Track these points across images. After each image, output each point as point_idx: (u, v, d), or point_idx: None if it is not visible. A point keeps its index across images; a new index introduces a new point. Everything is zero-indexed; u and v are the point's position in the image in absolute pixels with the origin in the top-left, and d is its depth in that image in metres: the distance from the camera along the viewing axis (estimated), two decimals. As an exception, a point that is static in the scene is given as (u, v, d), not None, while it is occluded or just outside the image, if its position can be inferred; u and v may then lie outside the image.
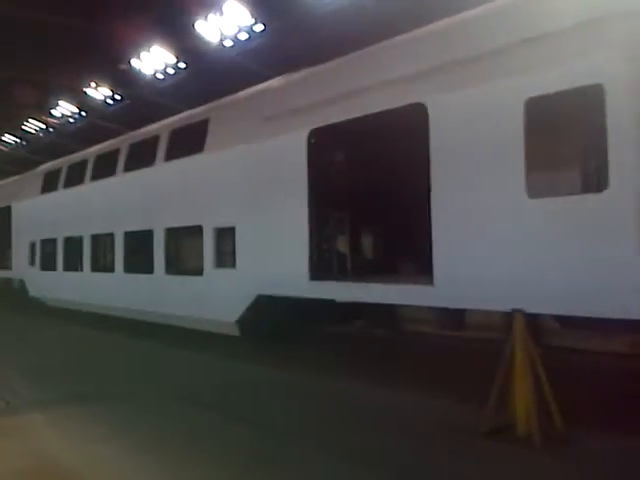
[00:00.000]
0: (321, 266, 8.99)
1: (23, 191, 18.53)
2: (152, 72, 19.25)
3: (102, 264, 14.25)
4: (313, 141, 8.83)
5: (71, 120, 25.73)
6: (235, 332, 10.27)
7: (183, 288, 11.38)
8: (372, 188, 9.66)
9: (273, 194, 9.47)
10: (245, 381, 8.76)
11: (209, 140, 11.00)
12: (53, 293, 16.39)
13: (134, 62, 19.15)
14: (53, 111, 25.21)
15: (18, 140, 30.92)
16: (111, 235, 13.50)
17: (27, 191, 18.20)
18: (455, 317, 8.40)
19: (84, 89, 22.00)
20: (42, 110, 25.35)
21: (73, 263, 15.31)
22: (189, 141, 11.76)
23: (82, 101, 23.21)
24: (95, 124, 24.31)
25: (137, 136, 13.68)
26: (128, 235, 13.09)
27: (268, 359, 9.92)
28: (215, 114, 11.22)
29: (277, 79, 10.32)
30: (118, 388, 8.51)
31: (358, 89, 8.23)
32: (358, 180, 9.74)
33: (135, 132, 13.91)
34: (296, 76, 9.74)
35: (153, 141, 12.64)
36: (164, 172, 12.19)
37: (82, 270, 14.65)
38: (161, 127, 12.79)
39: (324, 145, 8.98)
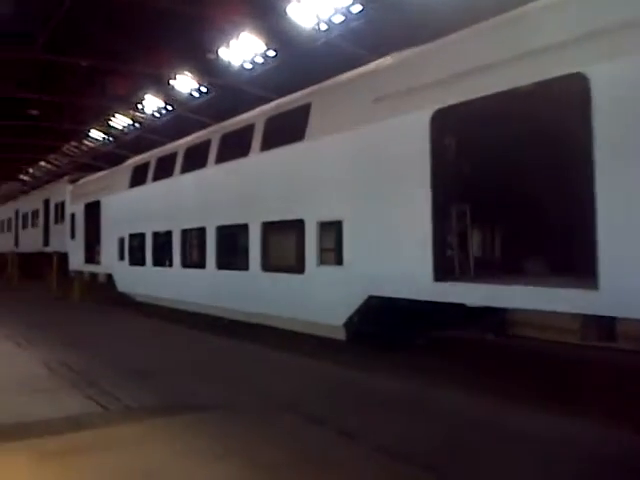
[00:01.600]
0: (446, 265, 7.97)
1: (111, 186, 18.49)
2: (241, 61, 18.65)
3: (193, 260, 13.77)
4: (437, 123, 7.80)
5: (157, 114, 25.76)
6: (340, 336, 9.43)
7: (281, 287, 10.64)
8: (496, 177, 8.53)
9: (388, 184, 8.51)
10: (356, 390, 7.84)
11: (311, 127, 10.18)
12: (142, 289, 16.16)
13: (222, 51, 18.63)
14: (140, 105, 25.31)
15: (105, 136, 31.49)
16: (202, 230, 12.97)
17: (115, 185, 18.12)
18: (605, 326, 7.20)
19: (170, 81, 21.80)
20: (129, 104, 25.52)
21: (162, 258, 14.97)
22: (288, 129, 11.01)
23: (168, 94, 23.08)
24: (181, 117, 24.18)
25: (229, 126, 13.08)
26: (221, 229, 12.52)
27: (378, 365, 8.95)
28: (317, 98, 10.38)
29: (389, 57, 9.34)
30: (219, 395, 7.82)
31: (495, 62, 7.14)
32: (482, 168, 8.62)
33: (227, 122, 13.32)
34: (415, 52, 8.73)
35: (247, 131, 11.98)
36: (260, 163, 11.51)
37: (172, 266, 14.25)
38: (256, 115, 12.10)
39: (449, 127, 7.94)
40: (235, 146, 12.48)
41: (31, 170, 45.61)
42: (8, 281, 31.31)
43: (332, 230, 9.71)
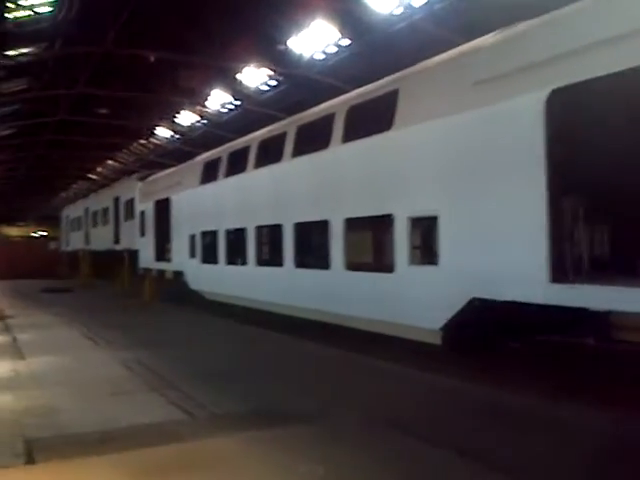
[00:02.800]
0: (564, 265, 7.11)
1: (181, 182, 18.34)
2: (312, 52, 18.05)
3: (268, 258, 13.33)
4: (553, 105, 6.95)
5: (224, 109, 25.59)
6: (435, 340, 8.70)
7: (367, 287, 10.00)
8: (613, 167, 7.57)
9: (493, 174, 7.71)
10: (464, 402, 7.07)
11: (400, 114, 9.48)
12: (214, 287, 15.88)
13: (293, 42, 18.07)
14: (207, 101, 25.21)
15: (172, 133, 31.71)
16: (279, 227, 12.48)
17: (186, 182, 17.96)
18: None
19: (239, 74, 21.47)
20: (197, 99, 25.43)
21: (236, 256, 14.62)
22: (373, 118, 10.37)
23: (236, 88, 22.79)
24: (249, 111, 23.84)
25: (306, 117, 12.53)
26: (299, 226, 12.00)
27: (481, 374, 8.14)
28: (406, 84, 9.66)
29: (490, 35, 8.52)
30: (310, 404, 7.23)
31: (628, 32, 6.24)
32: (598, 157, 7.68)
33: (303, 113, 12.78)
34: (525, 27, 7.87)
35: (326, 121, 11.39)
36: (341, 155, 10.90)
37: (246, 264, 13.86)
38: (336, 105, 11.50)
39: (567, 110, 7.06)
40: (313, 138, 11.94)
41: (99, 169, 46.79)
42: (80, 279, 32.05)
43: (426, 226, 9.03)
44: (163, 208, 19.49)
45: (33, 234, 51.56)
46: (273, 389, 8.09)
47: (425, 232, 9.17)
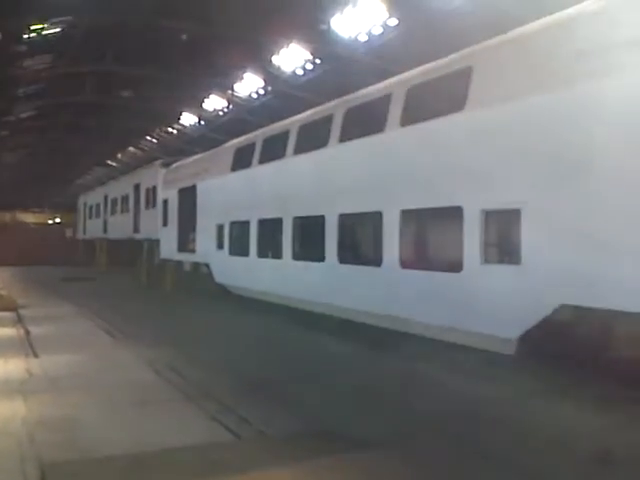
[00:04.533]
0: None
1: (210, 169, 17.27)
2: (355, 32, 16.84)
3: (307, 251, 12.20)
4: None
5: (254, 95, 24.45)
6: (508, 350, 7.57)
7: (428, 287, 8.85)
8: None
9: (606, 158, 6.51)
10: (566, 433, 5.91)
11: (474, 94, 8.29)
12: (244, 281, 14.79)
13: (335, 21, 16.87)
14: (238, 84, 24.08)
15: (197, 119, 30.62)
16: (321, 218, 11.35)
17: (214, 169, 16.88)
18: None
19: (274, 56, 20.32)
20: (227, 81, 24.26)
21: (269, 249, 13.54)
22: (438, 98, 9.21)
23: (269, 71, 21.68)
24: (282, 96, 22.59)
25: (356, 99, 11.37)
26: (344, 218, 10.87)
27: (578, 396, 6.95)
28: (482, 60, 8.47)
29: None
30: (378, 423, 6.12)
31: None
32: None
33: (353, 95, 11.62)
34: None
35: (380, 103, 10.24)
36: (398, 140, 9.76)
37: (281, 257, 12.75)
38: (393, 85, 10.34)
39: None
40: (365, 122, 10.82)
41: (119, 155, 45.89)
42: (97, 268, 31.21)
43: (504, 220, 7.90)
44: (188, 196, 18.44)
45: (49, 221, 50.89)
46: (327, 402, 7.00)
47: (503, 227, 8.03)
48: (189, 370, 8.39)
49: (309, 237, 12.24)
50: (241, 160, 15.19)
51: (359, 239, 11.25)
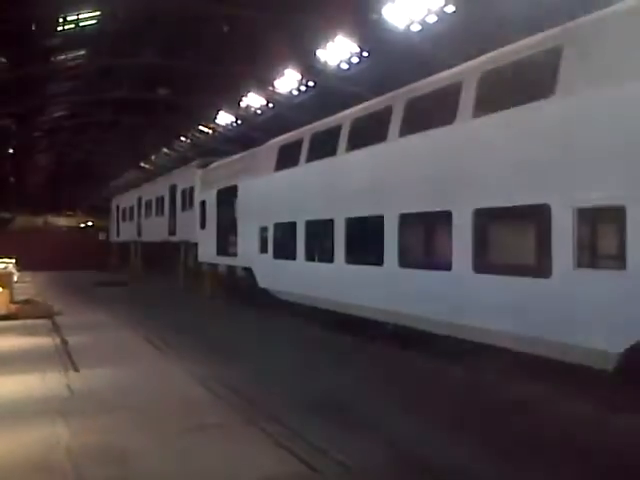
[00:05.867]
0: None
1: (251, 169, 16.63)
2: (408, 21, 15.96)
3: (362, 254, 11.41)
4: None
5: (295, 92, 23.74)
6: (607, 366, 6.68)
7: (507, 294, 8.00)
8: None
9: None
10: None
11: (565, 77, 7.42)
12: (290, 286, 14.05)
13: (386, 10, 16.02)
14: (277, 82, 23.41)
15: (234, 118, 30.05)
16: (379, 218, 10.56)
17: (257, 169, 16.22)
18: None
19: (319, 50, 19.53)
20: (268, 76, 23.57)
21: (318, 252, 12.81)
22: (517, 84, 8.35)
23: (311, 65, 20.90)
24: (326, 91, 21.79)
25: (417, 89, 10.56)
26: (405, 218, 10.06)
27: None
28: (574, 38, 7.58)
29: None
30: (472, 453, 5.33)
31: None
32: None
33: (412, 85, 10.80)
34: None
35: (448, 92, 9.41)
36: (470, 132, 8.91)
37: (332, 261, 12.00)
38: (463, 72, 9.50)
39: None
40: (429, 113, 10.00)
41: (153, 157, 45.73)
42: (132, 272, 30.90)
43: (604, 219, 7.02)
44: (228, 197, 17.83)
45: (82, 224, 51.09)
46: (406, 424, 6.23)
47: (602, 227, 7.15)
48: (246, 387, 7.71)
49: (365, 239, 11.45)
50: (286, 158, 14.48)
51: (423, 241, 10.43)
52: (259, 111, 27.88)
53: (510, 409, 6.80)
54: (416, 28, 16.25)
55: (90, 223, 50.88)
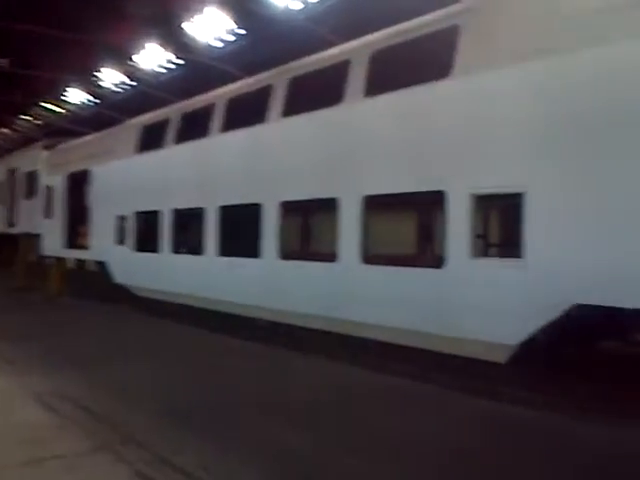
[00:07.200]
0: None
1: (109, 151, 14.94)
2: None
3: (238, 246, 10.47)
4: None
5: (118, 89, 21.80)
6: (500, 358, 6.46)
7: (399, 286, 7.54)
8: None
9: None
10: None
11: (462, 58, 7.10)
12: (154, 282, 12.66)
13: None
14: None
15: (88, 96, 27.33)
16: (258, 206, 9.70)
17: (115, 150, 14.59)
18: None
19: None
20: (125, 53, 21.57)
21: (188, 243, 11.64)
22: (412, 64, 7.93)
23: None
24: (200, 67, 20.12)
25: (304, 67, 9.76)
26: (289, 206, 9.31)
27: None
28: (472, 16, 7.25)
29: None
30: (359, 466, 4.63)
31: None
32: None
33: (301, 61, 9.94)
34: None
35: (338, 71, 8.79)
36: (363, 113, 8.39)
37: (203, 253, 10.92)
38: (354, 49, 8.93)
39: None
40: (315, 93, 9.35)
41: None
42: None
43: (500, 207, 6.86)
44: (79, 183, 15.95)
45: None
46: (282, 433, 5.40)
47: (499, 215, 7.01)
48: (96, 401, 6.43)
49: (241, 230, 10.53)
50: (151, 140, 13.09)
51: (307, 230, 9.75)
52: (118, 89, 25.58)
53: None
54: (297, 7, 15.57)
55: None
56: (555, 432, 5.46)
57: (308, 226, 9.84)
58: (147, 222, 12.77)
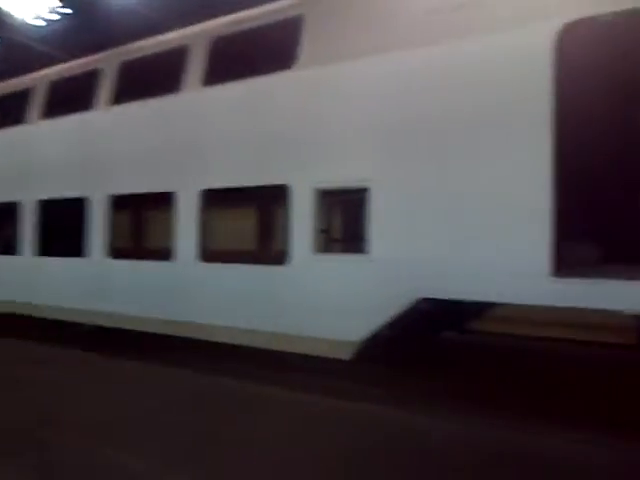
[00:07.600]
0: (570, 253, 5.54)
1: None
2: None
3: (59, 244, 9.46)
4: (567, 41, 5.36)
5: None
6: (344, 355, 6.49)
7: (236, 284, 7.31)
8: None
9: (466, 130, 5.83)
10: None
11: (305, 49, 7.08)
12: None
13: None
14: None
15: None
16: (84, 200, 8.86)
17: None
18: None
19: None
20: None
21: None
22: (255, 54, 7.78)
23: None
24: (16, 48, 17.83)
25: (137, 51, 9.09)
26: (117, 200, 8.64)
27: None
28: (316, 7, 7.26)
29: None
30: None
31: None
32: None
33: (134, 45, 9.22)
34: None
35: (175, 57, 8.34)
36: (202, 102, 8.02)
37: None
38: (193, 34, 8.51)
39: (587, 49, 5.56)
40: (151, 79, 8.75)
41: None
42: None
43: (346, 201, 6.86)
44: None
45: None
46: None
47: (344, 209, 7.04)
48: None
49: (63, 226, 9.54)
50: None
51: (141, 226, 9.13)
52: None
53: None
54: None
55: None
56: (391, 424, 5.37)
57: (141, 222, 9.21)
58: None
